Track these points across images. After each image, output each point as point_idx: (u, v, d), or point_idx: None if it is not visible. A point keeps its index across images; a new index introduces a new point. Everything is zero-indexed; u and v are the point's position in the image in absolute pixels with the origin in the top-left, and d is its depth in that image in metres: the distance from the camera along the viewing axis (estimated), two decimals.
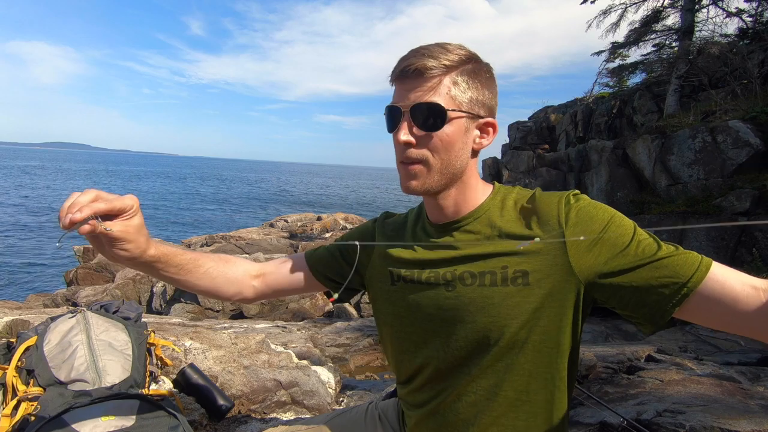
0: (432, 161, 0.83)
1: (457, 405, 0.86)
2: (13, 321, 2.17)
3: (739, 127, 6.15)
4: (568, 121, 12.71)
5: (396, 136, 0.83)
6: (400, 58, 0.83)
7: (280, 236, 12.09)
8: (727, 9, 9.52)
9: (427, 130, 0.81)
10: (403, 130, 0.82)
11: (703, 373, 2.79)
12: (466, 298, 0.83)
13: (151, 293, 7.42)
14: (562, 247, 0.78)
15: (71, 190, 0.92)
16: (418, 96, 0.81)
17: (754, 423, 1.87)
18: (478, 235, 0.87)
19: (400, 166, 0.86)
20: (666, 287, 0.72)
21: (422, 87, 0.81)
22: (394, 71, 0.84)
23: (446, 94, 0.81)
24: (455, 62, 0.82)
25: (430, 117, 0.80)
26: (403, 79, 0.83)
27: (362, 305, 6.61)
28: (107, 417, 1.21)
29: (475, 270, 0.84)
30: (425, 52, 0.81)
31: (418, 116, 0.81)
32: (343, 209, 28.08)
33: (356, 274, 1.03)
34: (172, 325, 2.76)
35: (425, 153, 0.82)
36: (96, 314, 1.60)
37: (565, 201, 0.82)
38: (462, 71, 0.83)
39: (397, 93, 0.85)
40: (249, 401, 1.93)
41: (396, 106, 0.83)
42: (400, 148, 0.84)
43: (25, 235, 19.19)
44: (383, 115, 0.89)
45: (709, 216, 5.61)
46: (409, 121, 0.82)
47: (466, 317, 0.83)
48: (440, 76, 0.81)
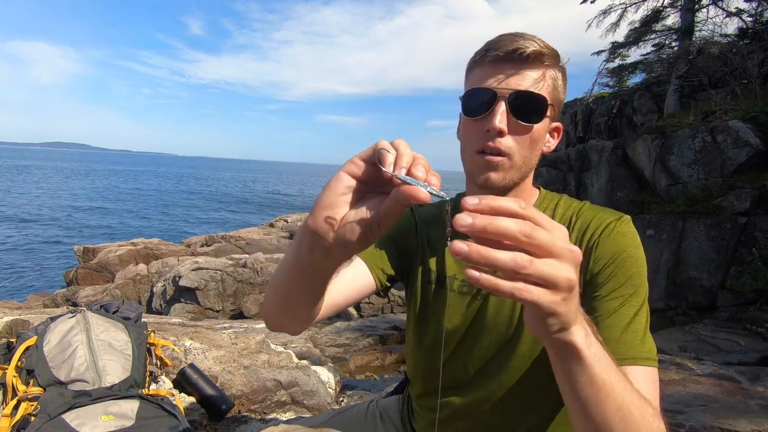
0: (517, 156, 0.77)
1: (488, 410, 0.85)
2: (13, 321, 2.17)
3: (739, 127, 6.15)
4: (568, 121, 12.71)
5: (489, 121, 0.75)
6: (500, 39, 0.76)
7: (280, 236, 12.09)
8: (727, 9, 9.52)
9: (526, 121, 0.75)
10: (498, 115, 0.74)
11: (703, 373, 2.79)
12: (493, 309, 0.83)
13: (151, 293, 7.41)
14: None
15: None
16: (521, 83, 0.74)
17: (754, 423, 1.87)
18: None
19: (477, 156, 0.78)
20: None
21: (527, 75, 0.75)
22: (492, 51, 0.75)
23: (548, 88, 0.76)
24: (558, 57, 0.77)
25: (533, 109, 0.75)
26: (504, 62, 0.75)
27: (362, 305, 6.61)
28: (107, 417, 1.21)
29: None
30: (531, 38, 0.75)
31: (519, 105, 0.74)
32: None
33: (404, 259, 0.95)
34: (172, 325, 2.76)
35: (514, 146, 0.76)
36: (96, 314, 1.60)
37: (607, 226, 0.78)
38: (561, 68, 0.79)
39: (489, 76, 0.76)
40: (249, 401, 1.93)
41: (490, 89, 0.75)
42: (485, 135, 0.76)
43: (25, 235, 19.18)
44: (459, 99, 0.81)
45: (709, 216, 5.61)
46: (507, 108, 0.74)
47: (492, 328, 0.83)
48: (547, 68, 0.76)
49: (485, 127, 0.75)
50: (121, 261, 9.14)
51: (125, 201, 35.24)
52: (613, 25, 10.76)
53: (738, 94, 7.66)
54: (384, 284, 0.92)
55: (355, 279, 0.88)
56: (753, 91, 7.51)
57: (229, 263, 7.50)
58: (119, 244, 10.20)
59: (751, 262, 5.12)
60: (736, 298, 5.20)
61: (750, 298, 5.06)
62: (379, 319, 5.48)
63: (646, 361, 0.69)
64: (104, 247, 10.21)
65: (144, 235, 13.71)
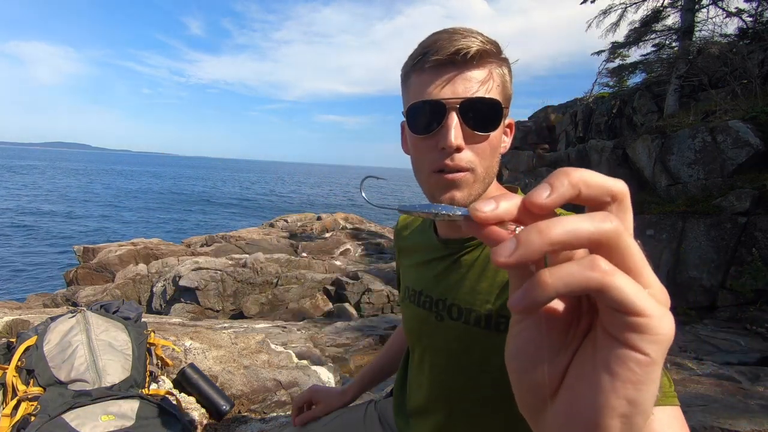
0: (479, 169, 0.69)
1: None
2: (13, 321, 2.17)
3: (739, 127, 6.15)
4: (568, 121, 12.70)
5: (443, 138, 0.66)
6: (437, 40, 0.66)
7: (280, 236, 12.09)
8: (727, 9, 9.51)
9: (482, 131, 0.67)
10: (453, 130, 0.65)
11: (703, 373, 2.79)
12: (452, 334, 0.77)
13: (151, 293, 7.42)
14: None
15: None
16: (469, 89, 0.65)
17: (754, 423, 1.87)
18: (477, 263, 0.75)
19: (436, 176, 0.69)
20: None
21: (474, 77, 0.66)
22: (431, 54, 0.66)
23: (498, 88, 0.68)
24: (500, 50, 0.69)
25: (487, 115, 0.67)
26: (446, 66, 0.66)
27: (362, 305, 6.61)
28: (107, 417, 1.21)
29: (462, 305, 0.75)
30: (470, 34, 0.65)
31: (471, 114, 0.66)
32: (343, 209, 28.08)
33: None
34: (172, 325, 2.76)
35: (474, 159, 0.68)
36: (96, 314, 1.60)
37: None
38: (504, 59, 0.70)
39: (431, 84, 0.67)
40: (249, 401, 1.93)
41: (437, 101, 0.66)
42: (440, 153, 0.67)
43: (25, 235, 19.18)
44: (402, 113, 0.72)
45: (709, 216, 5.61)
46: (460, 119, 0.66)
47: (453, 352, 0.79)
48: (493, 66, 0.67)
49: (439, 145, 0.67)
50: (121, 261, 9.14)
51: (125, 201, 35.22)
52: (613, 25, 10.77)
53: (738, 94, 7.65)
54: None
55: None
56: (753, 91, 7.51)
57: (229, 263, 7.50)
58: (119, 244, 10.20)
59: (751, 262, 5.12)
60: (736, 298, 5.20)
61: (750, 298, 5.06)
62: (379, 319, 5.48)
63: (672, 399, 0.56)
64: (104, 247, 10.21)
65: (144, 235, 13.72)
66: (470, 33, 0.66)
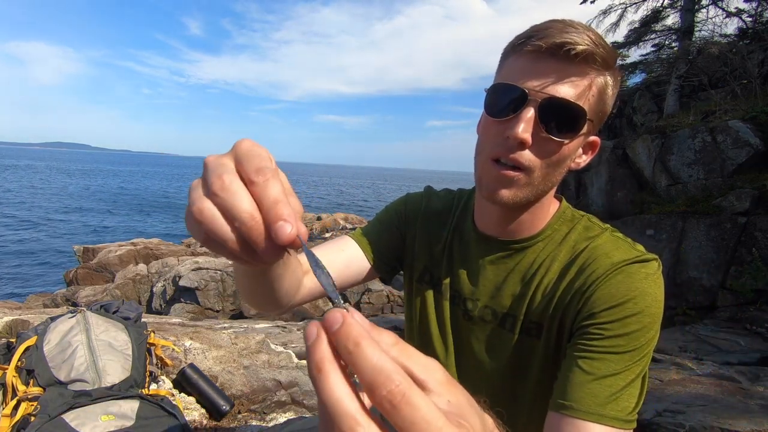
0: (537, 173, 0.64)
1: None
2: (13, 321, 2.17)
3: (738, 127, 6.16)
4: None
5: (511, 127, 0.62)
6: (548, 27, 0.61)
7: None
8: (726, 9, 9.52)
9: (555, 136, 0.62)
10: (524, 122, 0.61)
11: (703, 373, 2.79)
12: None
13: (151, 293, 7.41)
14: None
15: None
16: (559, 88, 0.61)
17: (754, 423, 1.87)
18: (519, 268, 0.73)
19: (491, 165, 0.66)
20: (567, 379, 0.62)
21: (570, 79, 0.61)
22: (534, 39, 0.61)
23: (592, 99, 0.62)
24: (613, 59, 0.63)
25: (566, 121, 0.62)
26: (546, 56, 0.61)
27: (362, 305, 6.61)
28: (107, 417, 1.21)
29: (498, 309, 0.75)
30: (585, 31, 0.60)
31: (551, 114, 0.61)
32: (343, 209, 28.11)
33: (405, 241, 0.88)
34: (172, 325, 2.76)
35: (535, 160, 0.63)
36: (96, 314, 1.60)
37: (616, 265, 0.64)
38: (614, 73, 0.65)
39: (524, 70, 0.62)
40: (249, 401, 1.93)
41: (520, 88, 0.62)
42: (503, 142, 0.64)
43: (25, 235, 19.18)
44: (484, 91, 0.67)
45: (709, 216, 5.62)
46: (537, 115, 0.61)
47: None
48: (596, 73, 0.62)
49: (506, 133, 0.63)
50: (121, 261, 9.14)
51: (125, 201, 35.23)
52: (613, 25, 10.76)
53: (738, 94, 7.66)
54: (380, 264, 0.85)
55: (350, 263, 0.82)
56: (753, 91, 7.51)
57: (229, 263, 7.50)
58: (119, 244, 10.20)
59: (751, 262, 5.12)
60: (736, 298, 5.20)
61: (750, 298, 5.06)
62: (379, 319, 5.48)
63: (612, 421, 0.56)
64: (104, 247, 10.21)
65: (144, 235, 13.72)
66: (585, 30, 0.61)
